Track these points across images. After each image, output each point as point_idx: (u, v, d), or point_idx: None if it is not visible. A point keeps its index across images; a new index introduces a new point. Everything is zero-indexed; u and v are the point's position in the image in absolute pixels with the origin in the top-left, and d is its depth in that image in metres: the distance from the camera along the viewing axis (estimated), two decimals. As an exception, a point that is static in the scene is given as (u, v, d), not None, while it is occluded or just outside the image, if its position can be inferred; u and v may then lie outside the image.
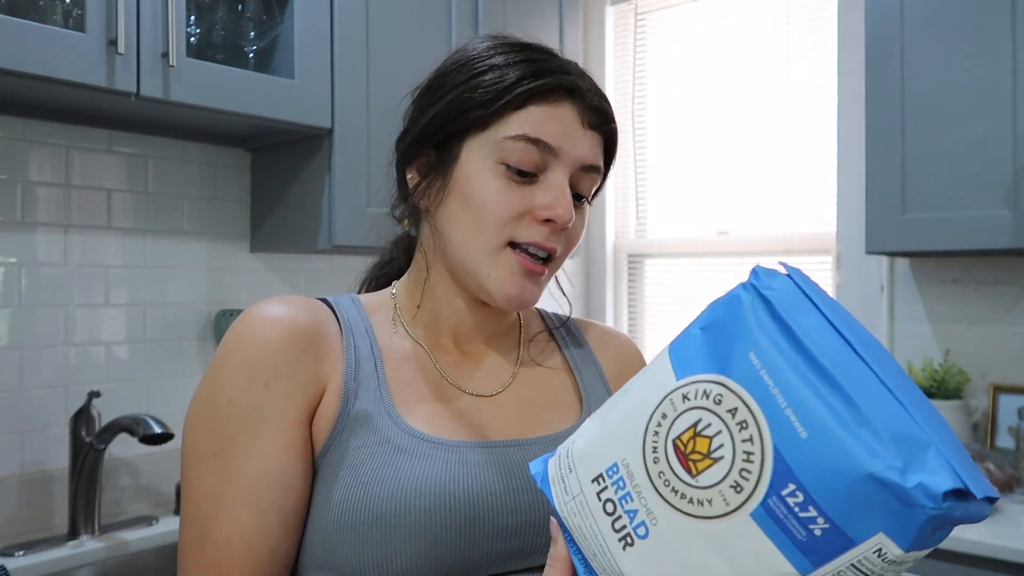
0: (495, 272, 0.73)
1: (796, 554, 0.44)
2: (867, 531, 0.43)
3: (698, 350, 0.50)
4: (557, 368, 0.84)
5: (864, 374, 0.45)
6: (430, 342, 0.79)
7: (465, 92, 0.74)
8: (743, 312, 0.49)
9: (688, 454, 0.48)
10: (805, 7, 2.36)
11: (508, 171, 0.72)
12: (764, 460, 0.45)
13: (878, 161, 1.88)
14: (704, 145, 2.55)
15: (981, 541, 1.54)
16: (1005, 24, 1.73)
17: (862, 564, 0.44)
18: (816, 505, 0.43)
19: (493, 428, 0.75)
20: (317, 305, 0.75)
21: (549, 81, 0.73)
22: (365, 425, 0.69)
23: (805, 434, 0.44)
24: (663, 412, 0.50)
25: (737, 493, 0.46)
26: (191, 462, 0.68)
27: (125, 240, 1.68)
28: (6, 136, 1.52)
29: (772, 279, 0.50)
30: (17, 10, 1.33)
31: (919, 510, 0.41)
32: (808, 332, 0.47)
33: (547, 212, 0.72)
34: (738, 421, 0.46)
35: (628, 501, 0.50)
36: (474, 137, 0.74)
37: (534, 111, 0.72)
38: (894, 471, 0.42)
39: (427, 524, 0.65)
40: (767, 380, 0.46)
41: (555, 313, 0.92)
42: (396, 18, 1.77)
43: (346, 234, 1.68)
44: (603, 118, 0.76)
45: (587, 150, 0.75)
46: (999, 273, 2.05)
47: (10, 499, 1.50)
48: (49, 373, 1.57)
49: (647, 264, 2.71)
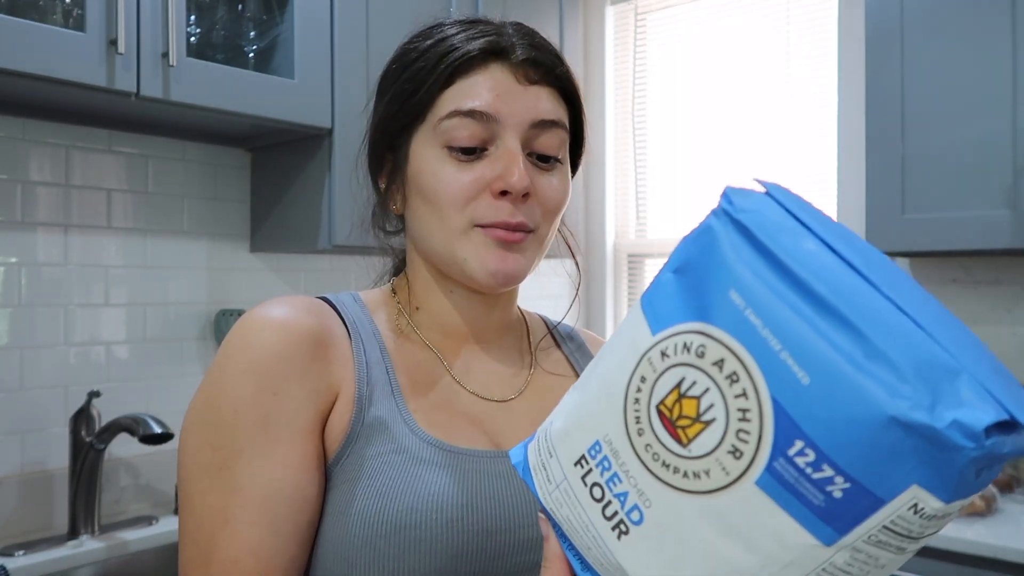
0: (469, 253, 0.70)
1: (815, 522, 0.37)
2: (898, 486, 0.36)
3: (672, 297, 0.43)
4: (567, 376, 0.82)
5: (870, 297, 0.37)
6: (436, 343, 0.76)
7: (399, 86, 0.72)
8: (717, 244, 0.41)
9: (675, 420, 0.41)
10: (805, 7, 2.36)
11: (452, 153, 0.69)
12: (763, 417, 0.38)
13: (878, 161, 1.88)
14: (704, 145, 2.55)
15: (981, 541, 1.54)
16: (1005, 24, 1.73)
17: (896, 524, 0.37)
18: (831, 463, 0.36)
19: (507, 436, 0.72)
20: (321, 306, 0.71)
21: (471, 48, 0.69)
22: (381, 433, 0.66)
23: (807, 379, 0.37)
24: (641, 375, 0.43)
25: (736, 459, 0.39)
26: (191, 477, 0.63)
27: (125, 240, 1.68)
28: (6, 136, 1.52)
29: (746, 200, 0.43)
30: (17, 10, 1.33)
31: (958, 453, 0.34)
32: (796, 256, 0.39)
33: (500, 184, 0.68)
34: (727, 374, 0.39)
35: (616, 483, 0.44)
36: (417, 129, 0.71)
37: (462, 84, 0.69)
38: (921, 410, 0.35)
39: (447, 538, 0.62)
40: (754, 321, 0.39)
41: (559, 323, 0.90)
42: (396, 18, 1.77)
43: (346, 234, 1.68)
44: (544, 68, 0.71)
45: (532, 106, 0.69)
46: (999, 273, 2.05)
47: (10, 499, 1.50)
48: (49, 373, 1.57)
49: (647, 264, 2.71)
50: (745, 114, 2.47)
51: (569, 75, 0.73)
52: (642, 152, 2.70)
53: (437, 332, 0.77)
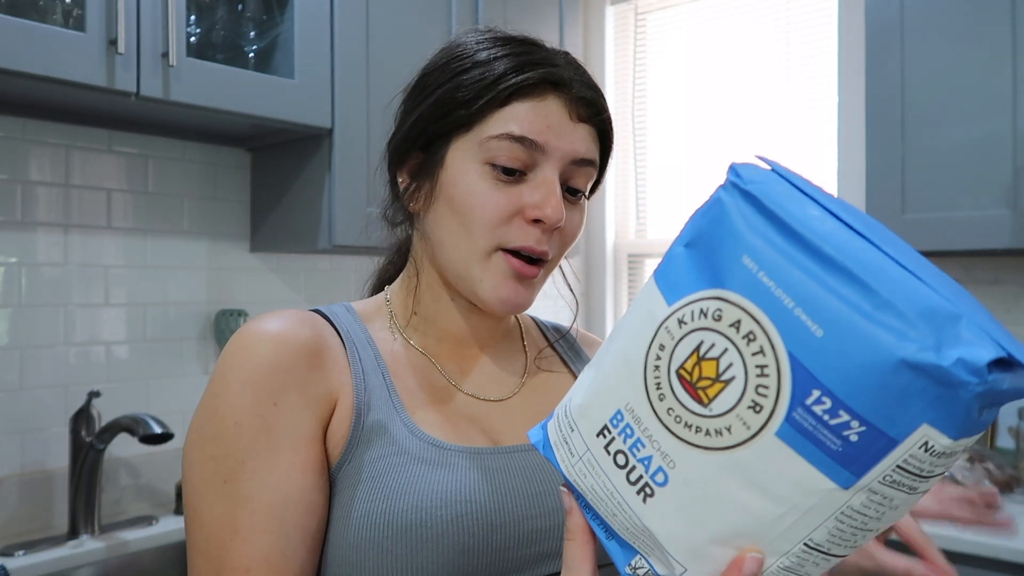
0: (486, 277, 0.70)
1: (834, 467, 0.40)
2: (909, 425, 0.38)
3: (686, 269, 0.45)
4: (562, 372, 0.83)
5: (873, 255, 0.40)
6: (430, 349, 0.77)
7: (448, 92, 0.71)
8: (728, 215, 0.44)
9: (695, 382, 0.43)
10: (805, 7, 2.36)
11: (494, 171, 0.69)
12: (780, 371, 0.40)
13: (878, 161, 1.88)
14: (704, 145, 2.55)
15: (981, 541, 1.54)
16: (1005, 24, 1.73)
17: (909, 463, 0.39)
18: (847, 408, 0.39)
19: (506, 434, 0.73)
20: (314, 318, 0.72)
21: (532, 75, 0.69)
22: (381, 436, 0.67)
23: (820, 332, 0.39)
24: (660, 343, 0.45)
25: (757, 413, 0.41)
26: (197, 490, 0.64)
27: (125, 240, 1.68)
28: (6, 136, 1.52)
29: (754, 173, 0.45)
30: (17, 10, 1.33)
31: (963, 389, 0.37)
32: (803, 221, 0.41)
33: (535, 212, 0.69)
34: (744, 334, 0.41)
35: (639, 448, 0.45)
36: (459, 138, 0.71)
37: (518, 107, 0.69)
38: (928, 351, 0.37)
39: (452, 534, 0.63)
40: (767, 283, 0.41)
41: (554, 324, 0.90)
42: (396, 18, 1.77)
43: (346, 234, 1.68)
44: (594, 109, 0.72)
45: (578, 143, 0.71)
46: (999, 273, 2.05)
47: (10, 499, 1.50)
48: (49, 373, 1.57)
49: (647, 264, 2.71)
50: (745, 114, 2.47)
51: (611, 118, 0.75)
52: (642, 152, 2.70)
53: (433, 337, 0.77)
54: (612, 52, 2.75)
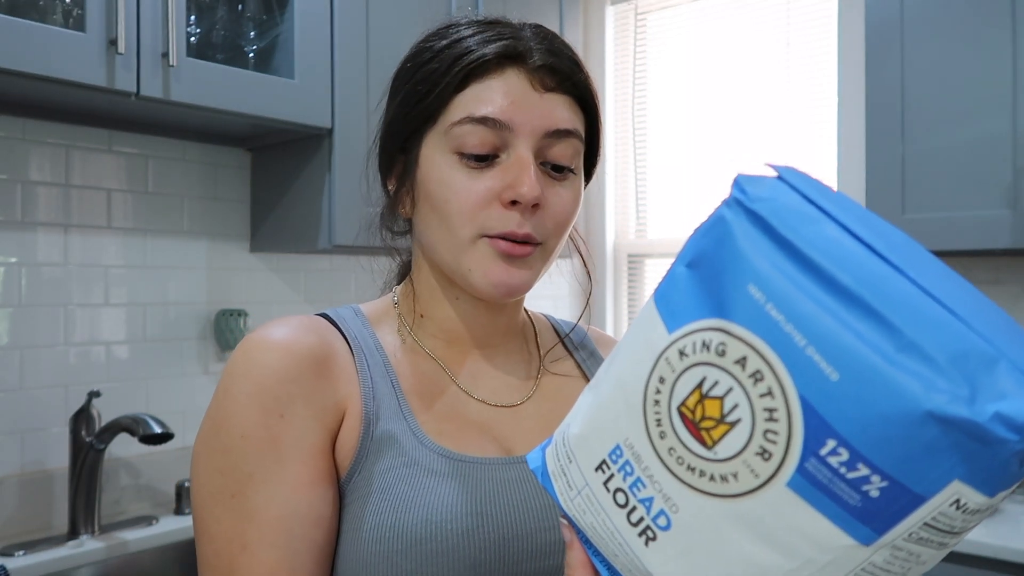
0: (474, 265, 0.68)
1: (852, 523, 0.36)
2: (938, 482, 0.34)
3: (687, 293, 0.41)
4: (573, 375, 0.80)
5: (897, 283, 0.35)
6: (440, 352, 0.75)
7: (411, 87, 0.69)
8: (731, 236, 0.39)
9: (698, 422, 0.39)
10: (805, 7, 2.36)
11: (463, 159, 0.67)
12: (791, 416, 0.36)
13: (878, 161, 1.88)
14: (704, 145, 2.55)
15: (981, 541, 1.54)
16: (1005, 24, 1.73)
17: (938, 521, 0.35)
18: (866, 461, 0.35)
19: (517, 442, 0.71)
20: (320, 324, 0.70)
21: (487, 51, 0.66)
22: (391, 447, 0.65)
23: (836, 376, 0.35)
24: (660, 376, 0.41)
25: (765, 461, 0.37)
26: (204, 504, 0.63)
27: (125, 240, 1.68)
28: (6, 136, 1.52)
29: (759, 187, 0.40)
30: (17, 10, 1.33)
31: (1002, 447, 0.33)
32: (816, 244, 0.37)
33: (510, 193, 0.66)
34: (750, 373, 0.37)
35: (640, 488, 0.42)
36: (428, 132, 0.69)
37: (476, 88, 0.66)
38: (960, 403, 0.33)
39: (464, 548, 0.62)
40: (776, 316, 0.37)
41: (568, 323, 0.88)
42: (396, 18, 1.77)
43: (346, 234, 1.68)
44: (561, 76, 0.68)
45: (548, 115, 0.67)
46: (999, 273, 2.05)
47: (10, 499, 1.50)
48: (49, 373, 1.57)
49: (647, 264, 2.71)
50: (745, 114, 2.47)
51: (587, 83, 0.71)
52: (642, 152, 2.70)
53: (441, 340, 0.75)
54: (612, 52, 2.75)
